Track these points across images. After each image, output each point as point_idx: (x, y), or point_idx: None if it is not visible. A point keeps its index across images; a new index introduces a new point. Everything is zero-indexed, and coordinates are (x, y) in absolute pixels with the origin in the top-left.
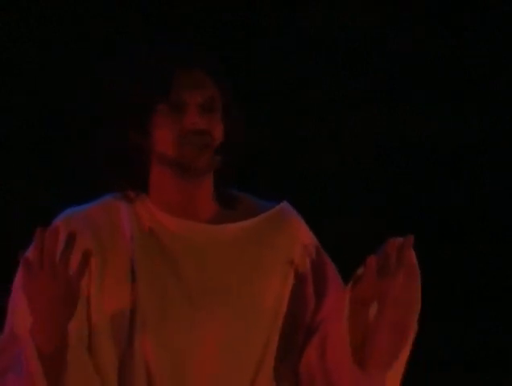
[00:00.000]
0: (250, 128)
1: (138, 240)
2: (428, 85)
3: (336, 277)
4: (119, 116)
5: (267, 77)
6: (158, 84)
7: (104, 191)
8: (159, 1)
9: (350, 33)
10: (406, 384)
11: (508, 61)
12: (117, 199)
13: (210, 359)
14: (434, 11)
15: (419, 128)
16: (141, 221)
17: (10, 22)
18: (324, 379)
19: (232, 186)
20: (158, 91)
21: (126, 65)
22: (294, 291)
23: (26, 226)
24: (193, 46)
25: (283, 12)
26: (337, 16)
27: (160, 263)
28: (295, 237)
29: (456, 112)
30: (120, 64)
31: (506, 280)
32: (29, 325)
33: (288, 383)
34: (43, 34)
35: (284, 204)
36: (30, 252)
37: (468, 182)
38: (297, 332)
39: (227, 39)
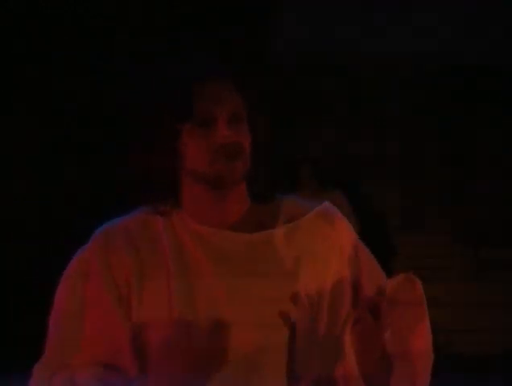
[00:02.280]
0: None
1: (174, 253)
2: (428, 86)
3: (378, 275)
4: (147, 138)
5: (267, 77)
6: (183, 102)
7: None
8: (159, 1)
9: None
10: None
11: (508, 61)
12: (152, 212)
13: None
14: (434, 11)
15: (418, 128)
16: (178, 234)
17: (10, 22)
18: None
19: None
20: (185, 109)
21: (149, 84)
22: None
23: (27, 226)
24: (217, 55)
25: (283, 12)
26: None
27: (197, 275)
28: (337, 238)
29: (456, 113)
30: (142, 84)
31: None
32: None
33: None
34: (44, 34)
35: (327, 204)
36: None
37: (468, 181)
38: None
39: (226, 38)
